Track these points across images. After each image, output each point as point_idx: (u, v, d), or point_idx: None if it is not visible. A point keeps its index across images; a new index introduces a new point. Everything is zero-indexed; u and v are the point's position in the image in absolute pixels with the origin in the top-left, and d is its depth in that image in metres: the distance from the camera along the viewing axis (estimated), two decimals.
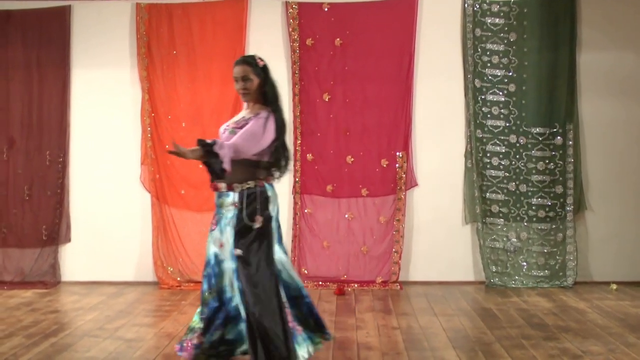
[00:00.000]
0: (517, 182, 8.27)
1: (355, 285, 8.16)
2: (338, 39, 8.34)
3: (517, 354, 5.58)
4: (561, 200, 8.23)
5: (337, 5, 8.33)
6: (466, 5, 8.31)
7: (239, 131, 4.88)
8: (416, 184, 8.34)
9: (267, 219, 4.93)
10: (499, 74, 8.29)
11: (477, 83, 8.29)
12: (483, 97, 8.29)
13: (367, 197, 8.31)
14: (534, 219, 8.25)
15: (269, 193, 4.98)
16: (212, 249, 5.04)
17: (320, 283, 8.21)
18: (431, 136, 8.37)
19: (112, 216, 8.47)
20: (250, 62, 4.99)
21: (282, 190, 8.31)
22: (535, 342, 5.89)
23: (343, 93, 8.36)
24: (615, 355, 5.54)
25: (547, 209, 8.25)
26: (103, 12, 8.50)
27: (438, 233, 8.33)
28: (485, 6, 8.30)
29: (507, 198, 8.28)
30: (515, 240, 8.22)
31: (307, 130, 8.37)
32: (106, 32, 8.49)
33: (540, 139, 8.24)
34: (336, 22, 8.35)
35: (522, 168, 8.27)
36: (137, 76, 8.43)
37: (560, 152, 8.24)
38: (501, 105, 8.26)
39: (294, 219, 8.34)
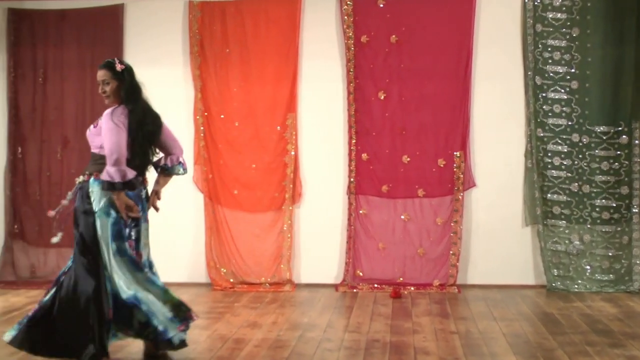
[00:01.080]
0: (580, 183, 8.06)
1: (412, 288, 8.03)
2: (394, 36, 8.22)
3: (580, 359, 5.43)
4: (626, 201, 8.00)
5: (393, 1, 8.23)
6: (527, 0, 8.10)
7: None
8: (474, 185, 8.18)
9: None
10: (561, 70, 8.08)
11: (538, 80, 8.09)
12: (544, 94, 8.09)
13: (424, 197, 8.17)
14: (598, 221, 8.03)
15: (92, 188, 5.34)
16: None
17: (376, 286, 8.09)
18: (490, 135, 8.21)
19: (164, 216, 8.38)
20: (109, 66, 5.41)
21: (337, 190, 8.28)
22: (600, 348, 5.69)
23: (399, 91, 8.24)
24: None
25: (611, 211, 8.02)
26: (156, 11, 8.51)
27: (497, 235, 8.17)
28: (546, 0, 8.10)
29: (569, 199, 8.06)
30: (578, 242, 8.01)
31: (362, 130, 8.26)
32: (159, 31, 8.50)
33: (604, 137, 8.01)
34: (392, 18, 8.23)
35: (585, 168, 8.05)
36: (189, 75, 8.40)
37: (626, 151, 8.01)
38: (563, 103, 8.06)
39: (349, 220, 8.25)
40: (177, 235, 8.41)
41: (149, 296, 5.33)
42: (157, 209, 5.66)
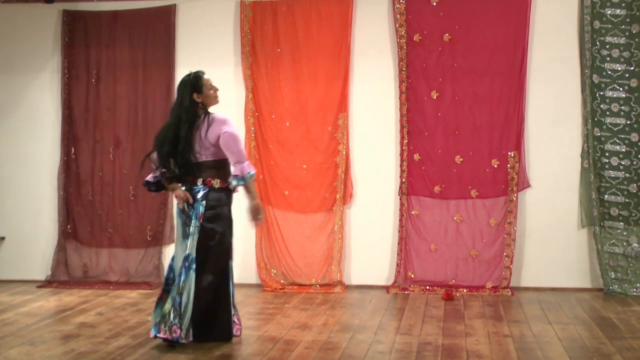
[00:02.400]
0: (639, 184, 7.83)
1: (464, 290, 7.92)
2: (447, 35, 8.12)
3: None
4: None
5: (446, 0, 8.09)
6: None
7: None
8: (529, 185, 8.04)
9: None
10: (620, 68, 7.90)
11: (595, 78, 7.91)
12: (602, 93, 7.91)
13: (477, 198, 8.05)
14: None
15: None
16: None
17: (428, 287, 8.00)
18: (545, 135, 8.06)
19: None
20: None
21: (388, 191, 8.21)
22: None
23: (452, 90, 8.14)
24: None
25: None
26: (207, 11, 8.54)
27: (552, 237, 8.01)
28: None
29: (627, 200, 7.87)
30: (636, 245, 7.82)
31: (415, 130, 8.18)
32: (210, 31, 8.53)
33: None
34: (445, 16, 8.15)
35: None
36: (241, 75, 8.40)
37: None
38: (621, 102, 7.87)
39: (400, 220, 8.17)
40: None
41: None
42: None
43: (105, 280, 8.49)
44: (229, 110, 8.38)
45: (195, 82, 6.01)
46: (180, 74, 8.48)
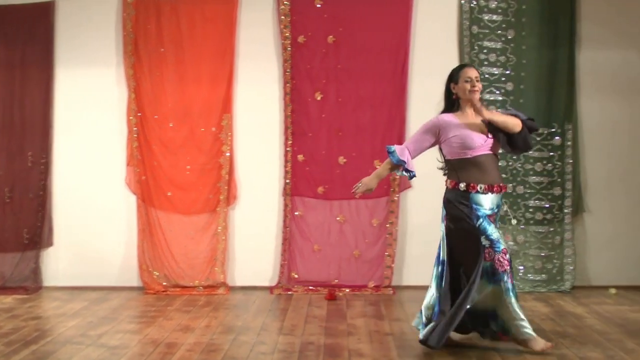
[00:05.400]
0: (514, 184, 8.12)
1: (347, 290, 7.99)
2: (331, 36, 8.19)
3: (512, 358, 5.45)
4: (559, 202, 8.09)
5: (330, 2, 8.20)
6: (463, 1, 8.16)
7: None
8: (410, 186, 8.19)
9: None
10: (496, 72, 8.14)
11: None
12: (480, 96, 8.08)
13: (360, 199, 8.12)
14: (531, 222, 8.10)
15: None
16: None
17: (311, 288, 8.05)
18: None
19: (96, 219, 8.30)
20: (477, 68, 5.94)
21: (272, 192, 8.23)
22: None
23: (336, 92, 8.21)
24: None
25: (544, 212, 8.09)
26: (88, 9, 8.33)
27: (432, 236, 8.07)
28: (482, 2, 8.15)
29: (503, 200, 8.08)
30: (511, 243, 8.05)
31: (299, 131, 8.21)
32: (91, 30, 8.33)
33: (538, 139, 8.08)
34: (329, 18, 8.20)
35: (519, 169, 8.11)
36: (123, 75, 8.27)
37: (559, 152, 8.09)
38: (498, 105, 8.11)
39: (284, 221, 8.19)
40: (108, 239, 8.27)
41: None
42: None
43: None
44: (111, 111, 8.28)
45: None
46: (59, 73, 8.34)
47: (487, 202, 5.62)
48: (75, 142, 8.33)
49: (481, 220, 5.57)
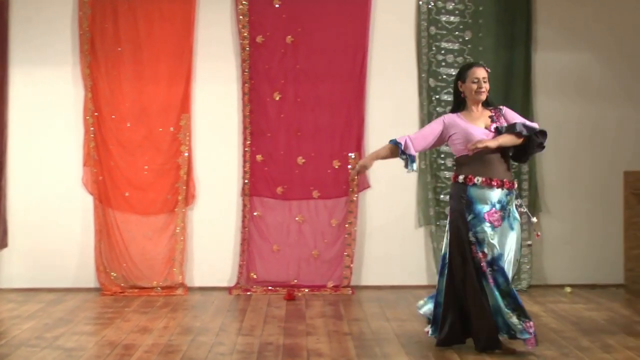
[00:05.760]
0: None
1: (306, 290, 8.00)
2: (289, 37, 8.19)
3: (470, 358, 5.46)
4: None
5: (289, 2, 8.20)
6: (421, 2, 8.21)
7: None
8: (369, 186, 8.22)
9: None
10: (454, 73, 8.12)
11: (432, 82, 8.19)
12: (437, 96, 8.20)
13: (319, 199, 8.16)
14: None
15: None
16: (506, 242, 5.55)
17: (270, 288, 8.04)
18: (385, 136, 8.01)
19: (52, 220, 8.21)
20: (485, 67, 5.76)
21: (231, 192, 8.20)
22: None
23: (294, 92, 8.21)
24: None
25: None
26: (44, 7, 8.22)
27: (391, 236, 8.22)
28: (440, 4, 8.20)
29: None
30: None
31: (257, 131, 8.20)
32: (47, 28, 8.22)
33: None
34: (288, 19, 8.20)
35: None
36: (79, 74, 8.18)
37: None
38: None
39: (243, 222, 8.18)
40: (64, 239, 8.18)
41: None
42: None
43: None
44: (67, 110, 8.20)
45: None
46: (14, 73, 8.22)
47: (485, 196, 5.51)
48: (31, 142, 8.24)
49: (473, 216, 5.51)
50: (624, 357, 5.50)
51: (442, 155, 8.15)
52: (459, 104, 5.79)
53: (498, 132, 5.58)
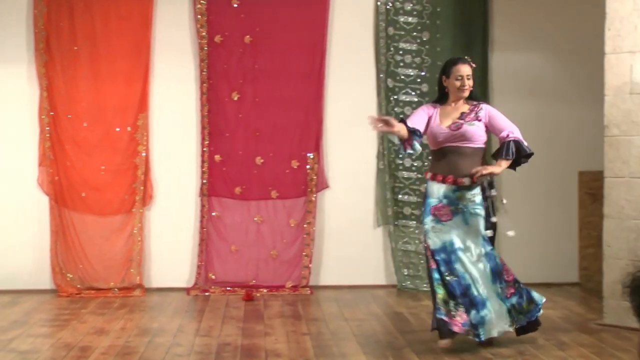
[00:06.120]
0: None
1: (265, 291, 7.98)
2: (248, 36, 8.17)
3: (428, 358, 5.50)
4: None
5: (247, 2, 8.16)
6: (379, 3, 8.23)
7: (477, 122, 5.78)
8: (327, 186, 8.23)
9: None
10: (412, 73, 8.24)
11: (390, 83, 8.22)
12: (396, 97, 8.23)
13: (277, 199, 8.15)
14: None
15: None
16: (447, 238, 5.61)
17: (228, 288, 8.01)
18: (343, 137, 8.27)
19: (6, 220, 8.09)
20: (469, 63, 5.86)
21: (189, 192, 8.16)
22: None
23: (253, 92, 8.18)
24: (525, 358, 5.52)
25: None
26: None
27: (350, 236, 8.23)
28: (398, 4, 8.23)
29: (419, 200, 8.15)
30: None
31: (215, 131, 8.16)
32: (0, 26, 8.08)
33: None
34: (246, 18, 8.17)
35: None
36: (34, 73, 8.07)
37: None
38: (414, 106, 8.18)
39: (201, 222, 8.13)
40: (19, 240, 8.06)
41: None
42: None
43: None
44: (22, 110, 8.08)
45: None
46: None
47: (435, 191, 5.70)
48: None
49: (425, 207, 5.74)
50: (577, 354, 5.60)
51: (400, 156, 8.18)
52: (442, 97, 5.91)
53: (456, 128, 5.69)
